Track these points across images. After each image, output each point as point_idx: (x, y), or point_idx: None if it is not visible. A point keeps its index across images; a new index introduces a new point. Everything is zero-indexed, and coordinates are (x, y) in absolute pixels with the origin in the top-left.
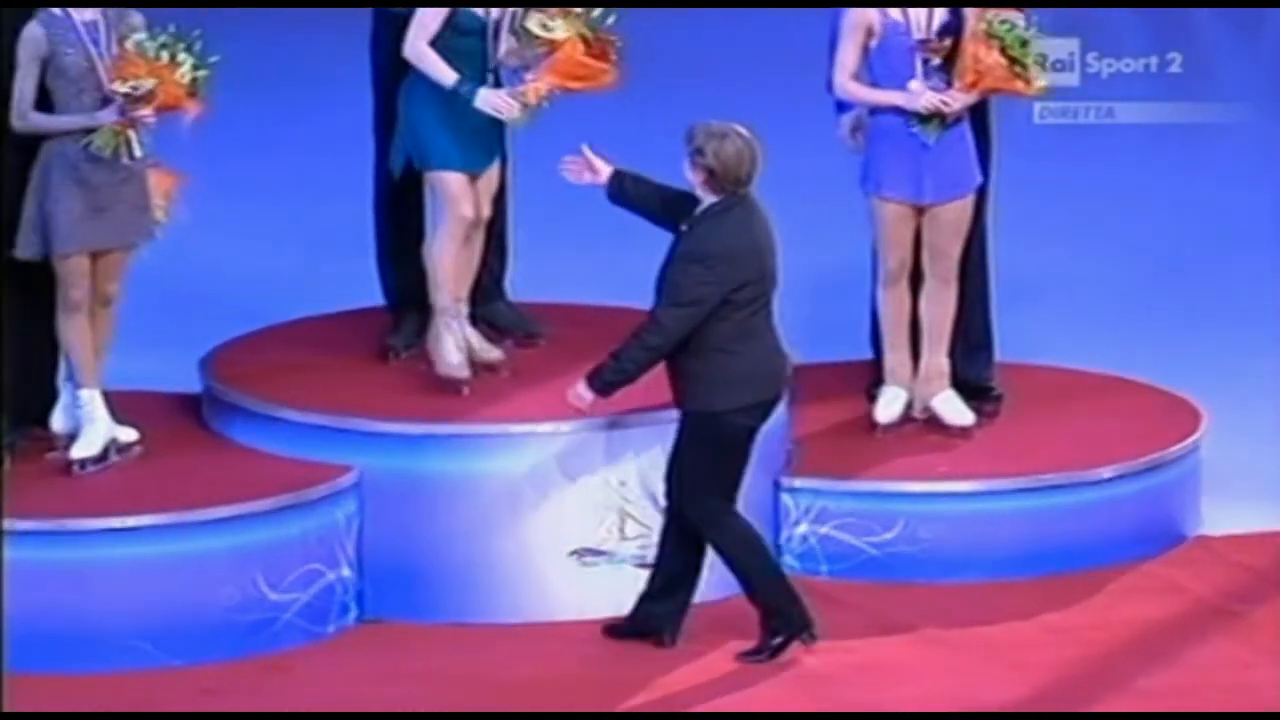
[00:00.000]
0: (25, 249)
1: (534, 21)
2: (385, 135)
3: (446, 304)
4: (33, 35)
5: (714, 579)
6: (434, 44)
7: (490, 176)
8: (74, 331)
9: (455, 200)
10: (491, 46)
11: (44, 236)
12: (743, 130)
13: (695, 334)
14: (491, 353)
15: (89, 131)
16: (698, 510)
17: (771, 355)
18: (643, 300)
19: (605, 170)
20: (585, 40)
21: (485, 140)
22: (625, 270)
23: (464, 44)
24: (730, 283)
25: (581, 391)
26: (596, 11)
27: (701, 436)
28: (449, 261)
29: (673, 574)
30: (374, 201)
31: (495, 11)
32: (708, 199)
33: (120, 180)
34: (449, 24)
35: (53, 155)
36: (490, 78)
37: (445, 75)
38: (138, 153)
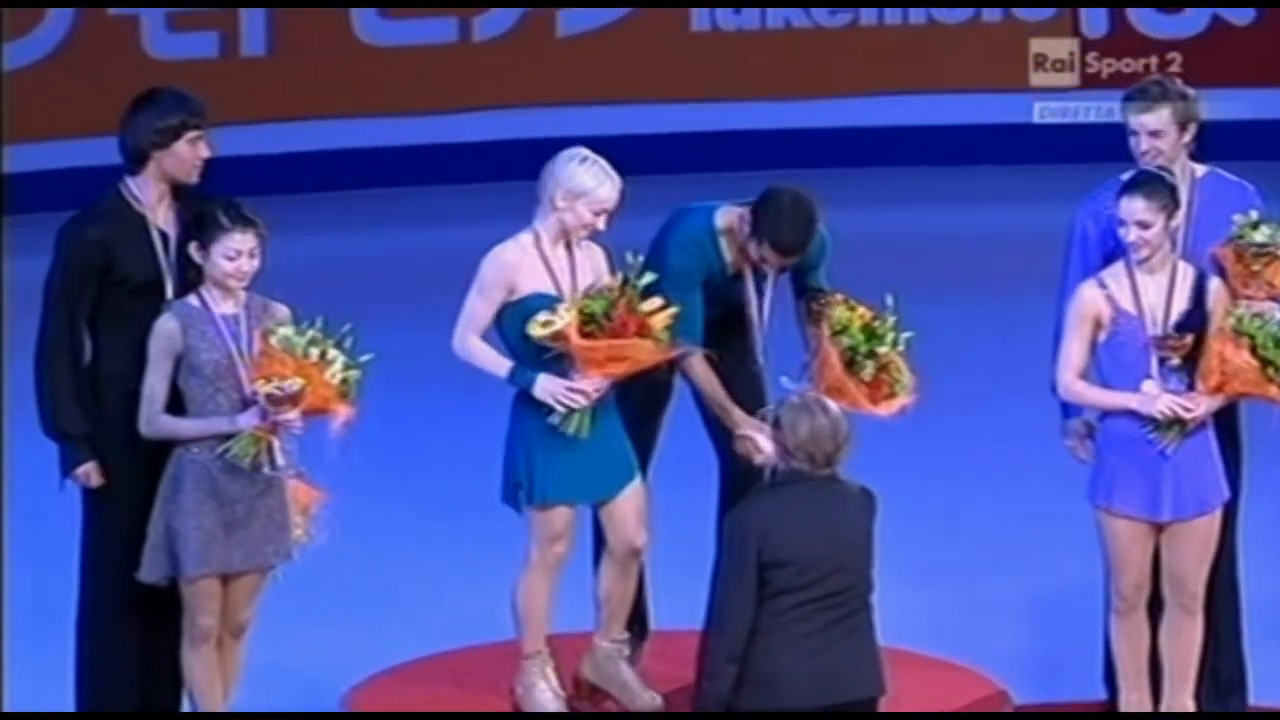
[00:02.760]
0: (150, 571)
1: (536, 322)
2: None
3: (537, 648)
4: (166, 329)
5: None
6: (510, 338)
7: (634, 498)
8: (200, 664)
9: (550, 540)
10: None
11: (171, 556)
12: (831, 406)
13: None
14: (646, 697)
15: (226, 438)
16: None
17: (815, 664)
18: None
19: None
20: (592, 319)
21: (606, 462)
22: None
23: (531, 340)
24: (762, 560)
25: None
26: (647, 278)
27: None
28: (539, 603)
29: None
30: None
31: (568, 286)
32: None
33: (258, 493)
34: (518, 311)
35: (184, 464)
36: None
37: (496, 365)
38: (280, 462)
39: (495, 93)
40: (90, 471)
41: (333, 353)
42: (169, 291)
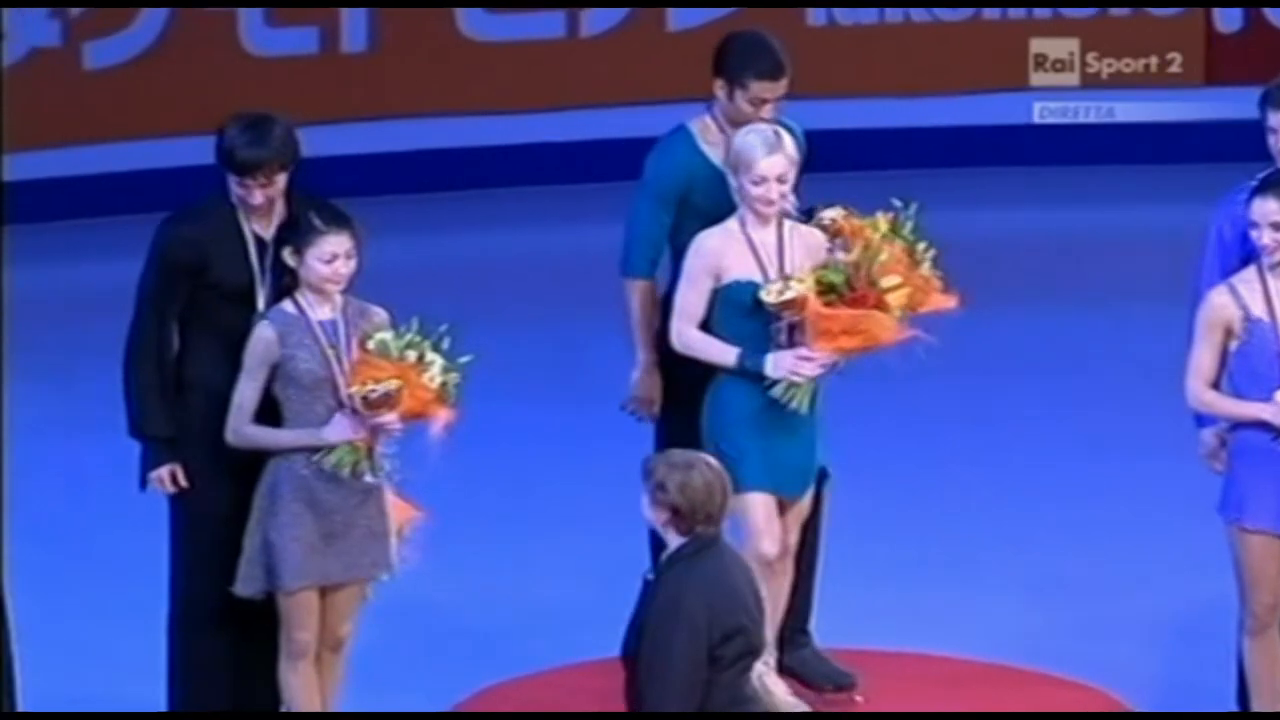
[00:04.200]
0: (246, 585)
1: (770, 288)
2: None
3: None
4: (264, 338)
5: None
6: (720, 325)
7: (803, 504)
8: (298, 680)
9: (756, 533)
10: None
11: (268, 569)
12: (711, 461)
13: None
14: (798, 708)
15: (315, 450)
16: None
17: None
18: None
19: None
20: (831, 288)
21: (803, 459)
22: (931, 609)
23: (746, 326)
24: (713, 638)
25: None
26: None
27: None
28: None
29: None
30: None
31: (774, 269)
32: (674, 542)
33: (357, 503)
34: (723, 297)
35: (281, 474)
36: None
37: (723, 354)
38: (385, 466)
39: (604, 90)
40: (166, 475)
41: (430, 355)
42: (260, 300)
